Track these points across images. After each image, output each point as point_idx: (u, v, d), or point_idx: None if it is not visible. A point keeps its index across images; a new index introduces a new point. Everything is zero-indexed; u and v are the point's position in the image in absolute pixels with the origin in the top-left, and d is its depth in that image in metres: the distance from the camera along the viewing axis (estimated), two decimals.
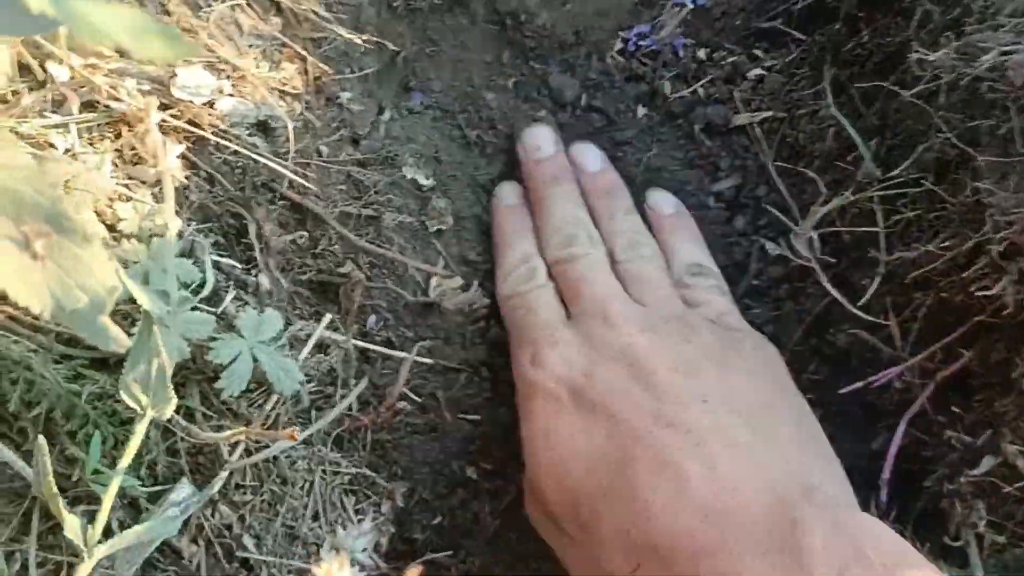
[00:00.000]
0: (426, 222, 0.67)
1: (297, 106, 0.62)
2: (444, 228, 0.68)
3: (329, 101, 0.66)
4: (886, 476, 0.59)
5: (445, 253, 0.68)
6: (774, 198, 0.69)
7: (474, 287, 0.62)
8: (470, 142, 0.72)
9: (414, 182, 0.68)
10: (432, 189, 0.68)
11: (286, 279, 0.59)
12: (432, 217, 0.67)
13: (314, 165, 0.62)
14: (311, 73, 0.64)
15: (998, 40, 0.53)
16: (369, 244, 0.63)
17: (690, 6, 0.73)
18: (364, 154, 0.66)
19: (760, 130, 0.70)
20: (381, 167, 0.67)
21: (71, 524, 0.42)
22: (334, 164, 0.64)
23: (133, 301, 0.50)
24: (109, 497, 0.43)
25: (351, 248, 0.63)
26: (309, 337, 0.57)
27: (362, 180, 0.65)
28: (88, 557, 0.42)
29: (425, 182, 0.68)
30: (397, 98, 0.71)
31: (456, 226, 0.69)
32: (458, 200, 0.70)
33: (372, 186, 0.65)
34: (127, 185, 0.54)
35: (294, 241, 0.60)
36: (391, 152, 0.68)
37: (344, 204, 0.63)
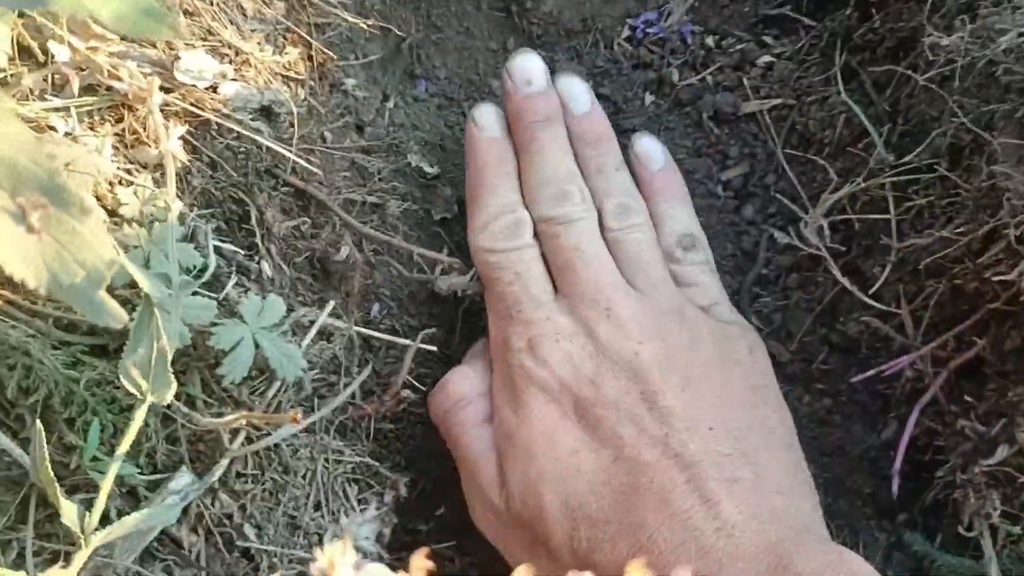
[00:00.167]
0: (431, 210, 0.67)
1: (301, 92, 0.61)
2: (449, 216, 0.67)
3: (333, 87, 0.65)
4: (897, 466, 0.59)
5: (450, 241, 0.67)
6: (783, 186, 0.68)
7: (471, 273, 0.61)
8: None
9: (419, 170, 0.67)
10: (437, 177, 0.68)
11: (288, 265, 0.59)
12: (437, 205, 0.67)
13: (318, 151, 0.61)
14: (315, 59, 0.63)
15: (1015, 21, 0.52)
16: (373, 231, 0.62)
17: None
18: (368, 141, 0.66)
19: (769, 118, 0.69)
20: (385, 154, 0.66)
21: (68, 511, 0.41)
22: (338, 151, 0.63)
23: (134, 286, 0.49)
24: (107, 483, 0.42)
25: (354, 234, 0.62)
26: (312, 324, 0.56)
27: (366, 167, 0.64)
28: (85, 545, 0.42)
29: (430, 170, 0.67)
30: (402, 85, 0.71)
31: (461, 214, 0.68)
32: (463, 188, 0.69)
33: (376, 173, 0.65)
34: (128, 170, 0.54)
35: (297, 227, 0.59)
36: (396, 139, 0.67)
37: (348, 191, 0.63)
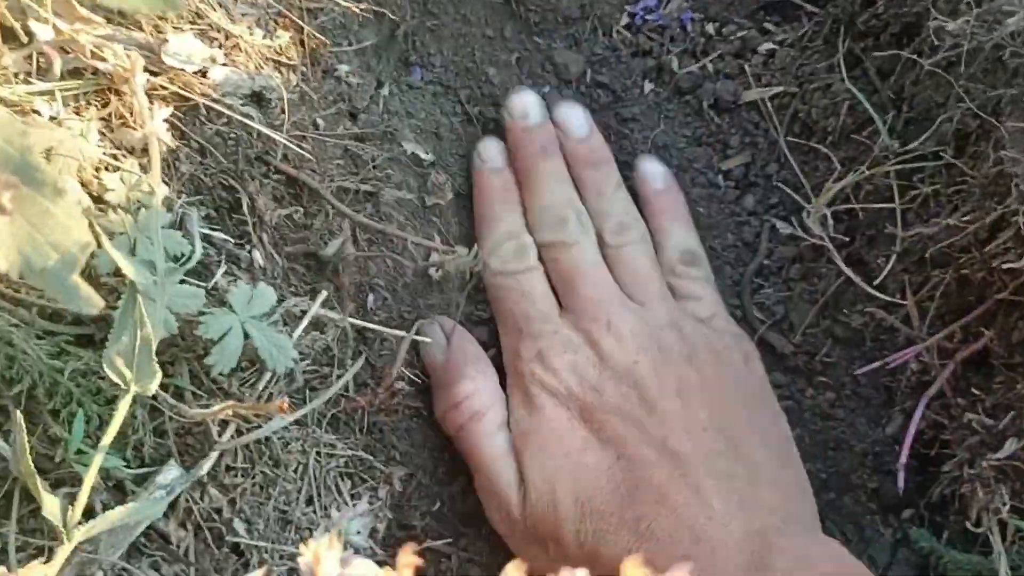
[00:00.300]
0: (425, 198, 0.66)
1: (293, 77, 0.60)
2: (443, 203, 0.66)
3: (326, 74, 0.64)
4: (903, 461, 0.58)
5: (444, 230, 0.66)
6: (785, 176, 0.67)
7: (474, 250, 0.60)
8: (471, 118, 0.70)
9: (414, 157, 0.66)
10: (432, 165, 0.67)
11: (280, 255, 0.57)
12: (431, 193, 0.66)
13: (310, 138, 0.60)
14: (307, 44, 0.62)
15: (1023, 4, 0.51)
16: (367, 220, 0.61)
17: None
18: (362, 128, 0.64)
19: (771, 106, 0.68)
20: (380, 142, 0.65)
21: (50, 504, 0.40)
22: (331, 138, 0.62)
23: (120, 273, 0.48)
24: (90, 476, 0.41)
25: (348, 223, 0.60)
26: (304, 314, 0.55)
27: (360, 155, 0.63)
28: (67, 540, 0.40)
29: (425, 157, 0.66)
30: (397, 72, 0.69)
31: (456, 202, 0.67)
32: (458, 176, 0.68)
33: (370, 161, 0.63)
34: (114, 155, 0.52)
35: (289, 216, 0.58)
36: (390, 127, 0.66)
37: (341, 179, 0.61)
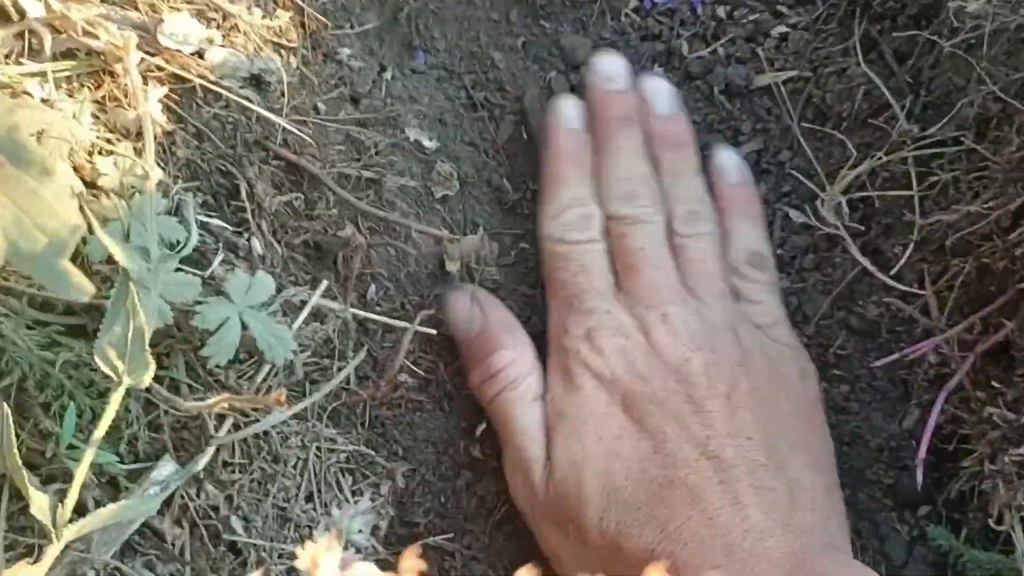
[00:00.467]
0: (431, 187, 0.64)
1: (293, 60, 0.58)
2: (450, 193, 0.65)
3: (327, 57, 0.62)
4: (922, 456, 0.56)
5: (450, 220, 0.65)
6: (798, 163, 0.66)
7: (480, 233, 0.59)
8: (476, 104, 0.68)
9: (417, 144, 0.64)
10: (436, 151, 0.65)
11: (280, 243, 0.56)
12: (437, 183, 0.64)
13: (310, 123, 0.58)
14: (308, 26, 0.60)
15: None
16: (370, 207, 0.59)
17: None
18: (364, 113, 0.63)
19: (784, 91, 0.66)
20: (382, 127, 0.63)
21: (38, 501, 0.38)
22: (332, 123, 0.60)
23: (113, 261, 0.46)
24: (81, 471, 0.39)
25: (350, 211, 0.59)
26: (304, 304, 0.53)
27: (362, 140, 0.61)
28: (57, 538, 0.39)
29: (429, 143, 0.64)
30: (400, 57, 0.68)
31: (462, 192, 0.65)
32: (464, 165, 0.66)
33: (373, 147, 0.62)
34: (108, 139, 0.51)
35: (289, 203, 0.56)
36: (393, 112, 0.64)
37: (342, 165, 0.59)
